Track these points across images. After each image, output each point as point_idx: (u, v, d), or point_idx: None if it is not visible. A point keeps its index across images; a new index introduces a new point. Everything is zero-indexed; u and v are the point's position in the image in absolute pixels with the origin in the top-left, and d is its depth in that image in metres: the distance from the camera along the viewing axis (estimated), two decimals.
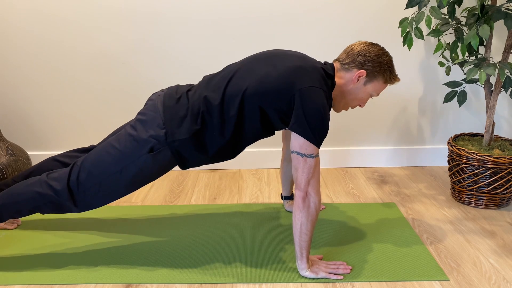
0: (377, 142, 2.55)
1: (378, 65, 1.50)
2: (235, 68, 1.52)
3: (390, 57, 1.54)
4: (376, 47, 1.52)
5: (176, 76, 2.40)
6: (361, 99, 1.57)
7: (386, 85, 1.56)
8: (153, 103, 1.52)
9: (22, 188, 1.54)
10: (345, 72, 1.53)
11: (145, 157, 1.46)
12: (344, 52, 1.56)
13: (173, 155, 1.48)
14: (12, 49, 2.35)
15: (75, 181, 1.48)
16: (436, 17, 1.94)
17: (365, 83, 1.53)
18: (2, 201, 1.54)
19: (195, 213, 2.00)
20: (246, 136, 1.52)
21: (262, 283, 1.48)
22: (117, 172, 1.47)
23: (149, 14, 2.30)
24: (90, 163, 1.50)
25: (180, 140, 1.45)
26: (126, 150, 1.47)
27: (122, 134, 1.52)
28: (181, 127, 1.45)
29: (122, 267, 1.58)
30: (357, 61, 1.50)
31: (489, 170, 1.93)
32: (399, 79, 1.56)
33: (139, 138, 1.46)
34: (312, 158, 1.40)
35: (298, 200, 1.43)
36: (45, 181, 1.51)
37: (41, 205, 1.52)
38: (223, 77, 1.51)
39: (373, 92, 1.56)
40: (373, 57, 1.50)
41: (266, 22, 2.32)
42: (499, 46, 2.33)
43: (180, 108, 1.48)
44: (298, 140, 1.40)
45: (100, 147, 1.54)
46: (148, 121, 1.48)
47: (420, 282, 1.47)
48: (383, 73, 1.51)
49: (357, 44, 1.54)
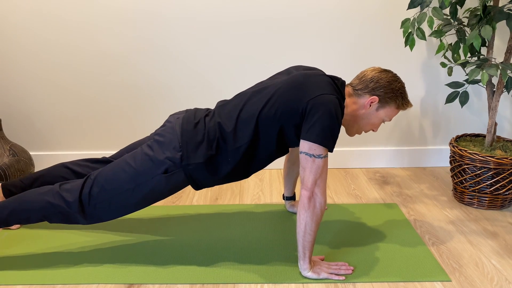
0: (378, 142, 2.55)
1: (390, 91, 1.52)
2: (246, 96, 1.55)
3: (403, 83, 1.56)
4: (389, 74, 1.55)
5: (179, 76, 2.41)
6: (373, 124, 1.60)
7: (398, 111, 1.59)
8: (172, 126, 1.55)
9: (33, 196, 1.55)
10: (358, 97, 1.56)
11: (159, 177, 1.48)
12: (356, 78, 1.58)
13: (186, 177, 1.51)
14: (14, 49, 2.35)
15: (87, 195, 1.50)
16: (438, 18, 1.93)
17: (378, 108, 1.55)
18: (12, 207, 1.54)
19: (197, 214, 2.00)
20: (259, 159, 1.54)
21: (264, 283, 1.48)
22: (130, 189, 1.50)
23: (151, 15, 2.30)
24: (104, 178, 1.51)
25: (195, 164, 1.48)
26: (141, 169, 1.49)
27: (138, 152, 1.54)
28: (197, 152, 1.48)
29: (124, 267, 1.58)
30: (369, 87, 1.53)
31: (491, 171, 1.93)
32: (411, 105, 1.59)
33: (155, 159, 1.49)
34: (320, 158, 1.41)
35: (304, 200, 1.43)
36: (57, 191, 1.53)
37: (51, 215, 1.54)
38: (235, 105, 1.54)
39: (385, 118, 1.58)
40: (385, 83, 1.52)
41: (268, 24, 2.32)
42: (501, 46, 2.33)
43: (197, 133, 1.50)
44: (307, 142, 1.42)
45: (115, 163, 1.56)
46: (165, 143, 1.51)
47: (422, 283, 1.47)
48: (395, 99, 1.54)
49: (369, 70, 1.56)
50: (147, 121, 2.47)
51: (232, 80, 2.41)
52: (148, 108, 2.46)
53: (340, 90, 1.53)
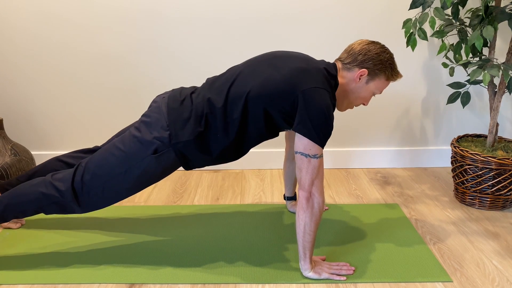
0: (380, 143, 2.55)
1: (379, 63, 1.50)
2: (238, 71, 1.52)
3: (391, 54, 1.54)
4: (377, 45, 1.52)
5: (180, 76, 2.41)
6: (364, 98, 1.58)
7: (388, 82, 1.56)
8: (158, 105, 1.53)
9: (26, 189, 1.55)
10: (347, 71, 1.53)
11: (149, 158, 1.47)
12: (344, 52, 1.56)
13: (177, 156, 1.48)
14: (16, 49, 2.35)
15: (80, 182, 1.49)
16: (440, 18, 1.93)
17: (367, 81, 1.53)
18: (6, 201, 1.54)
19: (198, 213, 2.00)
20: (250, 138, 1.52)
21: (265, 283, 1.48)
22: (121, 173, 1.48)
23: (152, 14, 2.31)
24: (94, 164, 1.50)
25: (184, 141, 1.46)
26: (130, 152, 1.48)
27: (126, 135, 1.52)
28: (184, 129, 1.46)
29: (125, 266, 1.58)
30: (358, 60, 1.51)
31: (493, 171, 1.93)
32: (401, 75, 1.56)
33: (143, 140, 1.47)
34: (316, 158, 1.41)
35: (302, 200, 1.43)
36: (49, 181, 1.52)
37: (45, 206, 1.53)
38: (226, 79, 1.51)
39: (375, 90, 1.56)
40: (373, 55, 1.50)
41: (269, 22, 2.32)
42: (503, 47, 2.32)
43: (184, 110, 1.48)
44: (302, 140, 1.41)
45: (105, 148, 1.55)
46: (152, 123, 1.49)
47: (423, 283, 1.47)
48: (385, 71, 1.52)
49: (357, 43, 1.54)
50: None
51: None
52: None
53: (335, 75, 1.51)
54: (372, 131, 2.52)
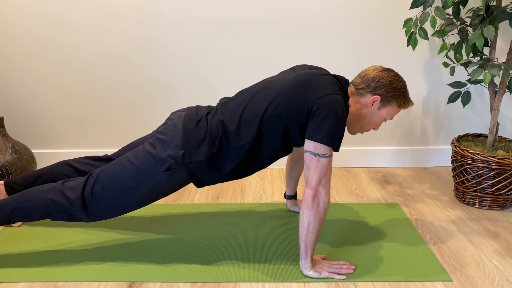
0: (380, 142, 2.55)
1: (392, 90, 1.53)
2: (250, 94, 1.55)
3: (404, 82, 1.57)
4: (390, 73, 1.55)
5: (181, 76, 2.41)
6: (375, 123, 1.61)
7: (400, 110, 1.59)
8: (173, 123, 1.55)
9: (36, 194, 1.55)
10: (360, 97, 1.56)
11: (161, 175, 1.49)
12: (358, 77, 1.58)
13: (189, 175, 1.51)
14: (17, 48, 2.36)
15: (90, 193, 1.50)
16: (441, 18, 1.93)
17: (379, 108, 1.56)
18: (15, 205, 1.54)
19: (198, 212, 2.00)
20: (263, 157, 1.54)
21: (265, 282, 1.48)
22: (132, 187, 1.50)
23: (154, 14, 2.31)
24: (106, 176, 1.52)
25: (197, 161, 1.48)
26: (143, 167, 1.50)
27: (140, 150, 1.54)
28: (199, 150, 1.48)
29: (125, 265, 1.58)
30: (371, 86, 1.53)
31: (493, 171, 1.93)
32: (412, 103, 1.60)
33: (157, 157, 1.49)
34: (325, 157, 1.42)
35: (308, 198, 1.43)
36: (59, 189, 1.53)
37: (53, 212, 1.54)
38: (238, 103, 1.54)
39: (387, 116, 1.59)
40: (387, 82, 1.52)
41: (270, 23, 2.32)
42: (504, 46, 2.32)
43: (199, 131, 1.50)
44: (312, 142, 1.42)
45: (117, 161, 1.56)
46: (167, 140, 1.51)
47: (423, 283, 1.47)
48: (397, 98, 1.54)
49: (371, 70, 1.56)
50: (148, 120, 2.48)
51: (234, 79, 2.42)
52: (150, 107, 2.46)
53: (344, 89, 1.54)
54: (373, 130, 2.52)
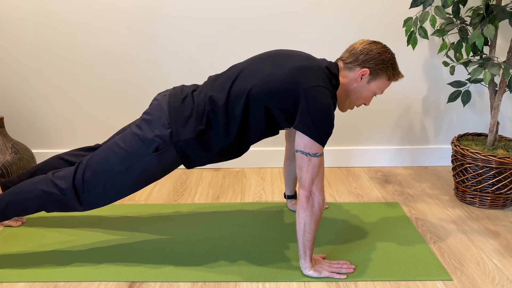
0: (380, 141, 2.55)
1: (381, 62, 1.50)
2: (240, 68, 1.52)
3: (393, 54, 1.53)
4: (378, 45, 1.52)
5: (180, 75, 2.41)
6: (365, 98, 1.57)
7: (390, 82, 1.55)
8: (159, 103, 1.53)
9: (27, 187, 1.55)
10: (348, 71, 1.53)
11: (150, 156, 1.47)
12: (346, 51, 1.56)
13: (178, 154, 1.48)
14: (16, 48, 2.36)
15: (81, 180, 1.49)
16: (441, 17, 1.93)
17: (369, 81, 1.53)
18: (8, 199, 1.54)
19: (199, 212, 2.00)
20: (250, 136, 1.52)
21: (265, 281, 1.48)
22: (122, 171, 1.48)
23: (152, 13, 2.30)
24: (95, 162, 1.50)
25: (185, 139, 1.46)
26: (131, 150, 1.48)
27: (127, 133, 1.52)
28: (186, 127, 1.46)
29: (126, 265, 1.59)
30: (359, 59, 1.51)
31: (493, 170, 1.93)
32: (402, 76, 1.56)
33: (145, 138, 1.47)
34: (316, 157, 1.41)
35: (302, 199, 1.43)
36: (50, 179, 1.52)
37: (47, 204, 1.53)
38: (228, 77, 1.51)
39: (377, 90, 1.55)
40: (375, 55, 1.50)
41: (270, 21, 2.32)
42: (504, 46, 2.32)
43: (185, 108, 1.48)
44: (302, 139, 1.41)
45: (106, 146, 1.55)
46: (153, 120, 1.49)
47: (423, 282, 1.47)
48: (386, 71, 1.51)
49: (359, 43, 1.54)
50: None
51: None
52: None
53: (336, 81, 1.51)
54: (373, 129, 2.52)
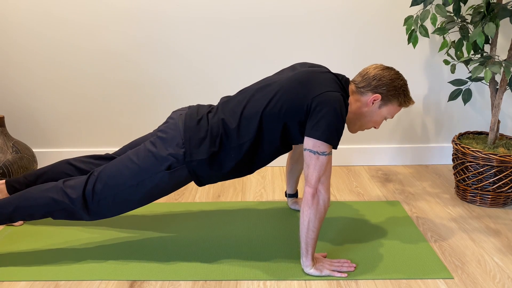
0: (381, 140, 2.55)
1: (393, 89, 1.53)
2: (251, 92, 1.54)
3: (405, 81, 1.56)
4: (391, 71, 1.55)
5: (181, 74, 2.41)
6: (375, 122, 1.61)
7: (400, 108, 1.59)
8: (175, 122, 1.55)
9: (37, 193, 1.55)
10: (360, 95, 1.56)
11: (162, 174, 1.49)
12: (359, 75, 1.58)
13: (190, 173, 1.51)
14: (17, 47, 2.36)
15: (91, 191, 1.50)
16: (442, 15, 1.93)
17: (380, 106, 1.56)
18: (16, 204, 1.54)
19: (199, 211, 2.00)
20: (263, 155, 1.54)
21: (266, 280, 1.48)
22: (133, 186, 1.50)
23: (153, 12, 2.30)
24: (107, 175, 1.52)
25: (198, 160, 1.48)
26: (144, 166, 1.50)
27: (141, 149, 1.54)
28: (199, 148, 1.48)
29: (127, 263, 1.59)
30: (372, 85, 1.53)
31: (494, 168, 1.92)
32: (413, 102, 1.60)
33: (158, 155, 1.49)
34: (324, 155, 1.41)
35: (308, 196, 1.43)
36: (61, 188, 1.53)
37: (54, 211, 1.54)
38: (239, 101, 1.54)
39: (387, 115, 1.59)
40: (388, 81, 1.52)
41: (270, 22, 2.32)
42: (505, 44, 2.32)
43: (200, 130, 1.50)
44: (312, 139, 1.42)
45: (119, 159, 1.56)
46: (168, 139, 1.51)
47: (425, 280, 1.47)
48: (398, 97, 1.54)
49: (372, 68, 1.56)
50: (150, 119, 2.48)
51: (236, 78, 2.41)
52: (151, 106, 2.46)
53: (344, 87, 1.53)
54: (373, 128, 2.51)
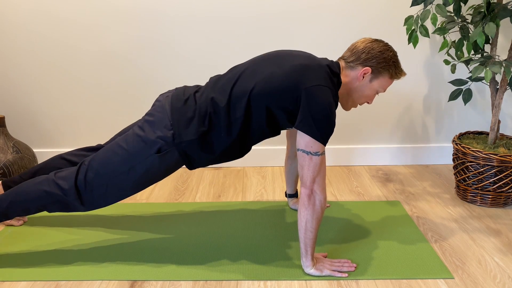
0: (381, 140, 2.55)
1: (383, 61, 1.50)
2: (241, 70, 1.52)
3: (395, 52, 1.53)
4: (380, 43, 1.52)
5: (181, 74, 2.41)
6: (367, 96, 1.57)
7: (392, 81, 1.55)
8: (161, 104, 1.53)
9: (29, 187, 1.55)
10: (350, 70, 1.53)
11: (153, 157, 1.47)
12: (348, 50, 1.56)
13: (180, 156, 1.49)
14: (17, 48, 2.36)
15: (83, 181, 1.49)
16: (442, 15, 1.93)
17: (371, 79, 1.53)
18: (10, 199, 1.54)
19: (200, 211, 2.00)
20: (252, 136, 1.52)
21: (266, 280, 1.49)
22: (124, 172, 1.48)
23: (154, 12, 2.30)
24: (97, 163, 1.50)
25: (188, 141, 1.46)
26: (133, 151, 1.48)
27: (129, 134, 1.53)
28: (188, 129, 1.46)
29: (127, 264, 1.59)
30: (361, 58, 1.50)
31: (494, 168, 1.92)
32: (405, 74, 1.56)
33: (147, 139, 1.47)
34: (317, 156, 1.41)
35: (304, 197, 1.43)
36: (52, 180, 1.52)
37: (48, 204, 1.53)
38: (229, 78, 1.51)
39: (379, 88, 1.55)
40: (377, 53, 1.49)
41: (271, 20, 2.32)
42: (505, 44, 2.32)
43: (187, 110, 1.48)
44: (303, 138, 1.41)
45: (108, 147, 1.55)
46: (155, 122, 1.49)
47: (425, 280, 1.47)
48: (388, 69, 1.51)
49: (360, 42, 1.54)
50: None
51: None
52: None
53: (337, 80, 1.51)
54: (374, 128, 2.52)
